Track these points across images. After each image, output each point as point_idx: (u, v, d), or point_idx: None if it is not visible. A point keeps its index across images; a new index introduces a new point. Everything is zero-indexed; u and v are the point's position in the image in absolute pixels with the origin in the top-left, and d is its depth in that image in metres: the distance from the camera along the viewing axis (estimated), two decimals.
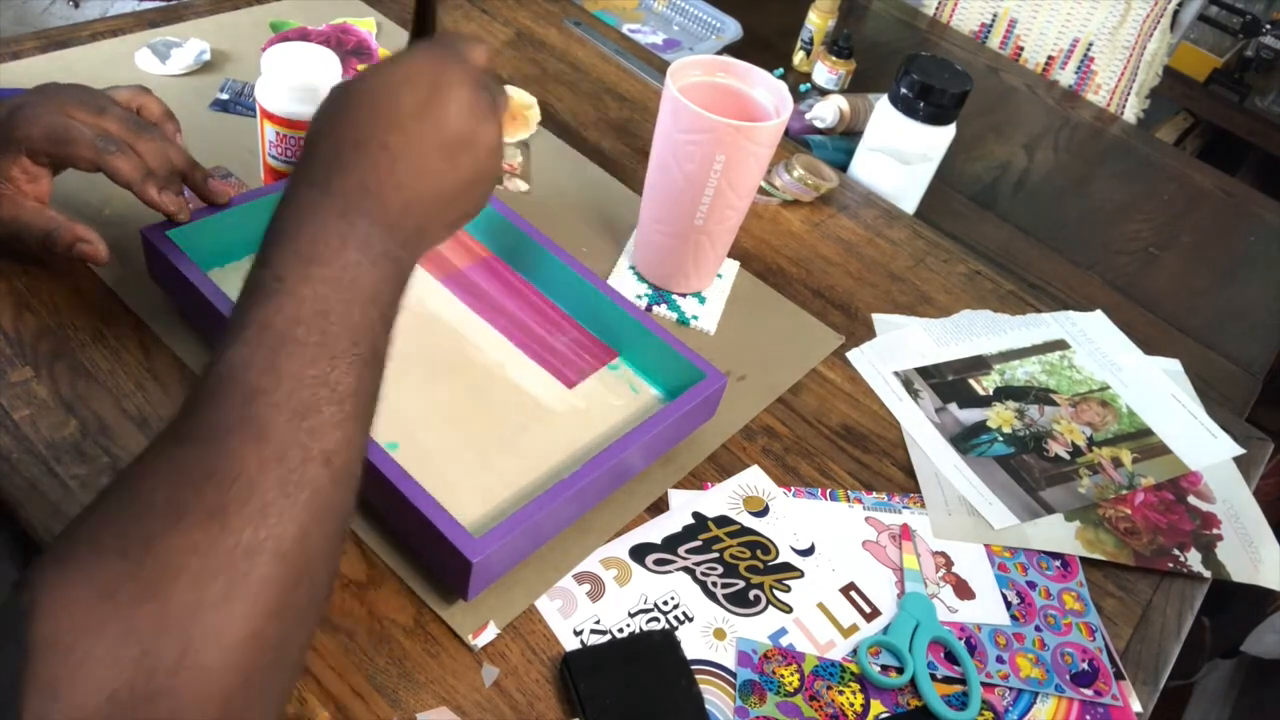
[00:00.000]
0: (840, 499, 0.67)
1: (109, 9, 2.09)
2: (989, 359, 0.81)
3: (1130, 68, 1.42)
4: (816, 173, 0.93)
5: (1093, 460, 0.75)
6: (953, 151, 1.00)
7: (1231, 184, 1.33)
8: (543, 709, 0.52)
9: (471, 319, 0.71)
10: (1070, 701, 0.59)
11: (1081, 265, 1.07)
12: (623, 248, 0.82)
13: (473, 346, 0.69)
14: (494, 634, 0.54)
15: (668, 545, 0.61)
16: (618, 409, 0.67)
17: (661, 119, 0.71)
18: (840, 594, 0.61)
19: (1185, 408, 0.82)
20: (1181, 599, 0.68)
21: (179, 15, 0.93)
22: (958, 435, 0.74)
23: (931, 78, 0.94)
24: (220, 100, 0.85)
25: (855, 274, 0.88)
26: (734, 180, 0.70)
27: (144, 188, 0.60)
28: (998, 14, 1.51)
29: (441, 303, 0.71)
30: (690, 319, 0.77)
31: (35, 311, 0.64)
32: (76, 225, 0.61)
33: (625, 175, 0.91)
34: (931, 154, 0.98)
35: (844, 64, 1.27)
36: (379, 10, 1.02)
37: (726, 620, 0.58)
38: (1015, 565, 0.66)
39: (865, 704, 0.56)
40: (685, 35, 1.34)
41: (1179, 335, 1.00)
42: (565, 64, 1.05)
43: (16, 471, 0.55)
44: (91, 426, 0.58)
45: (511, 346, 0.70)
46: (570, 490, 0.55)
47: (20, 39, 0.85)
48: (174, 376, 0.62)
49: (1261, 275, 1.16)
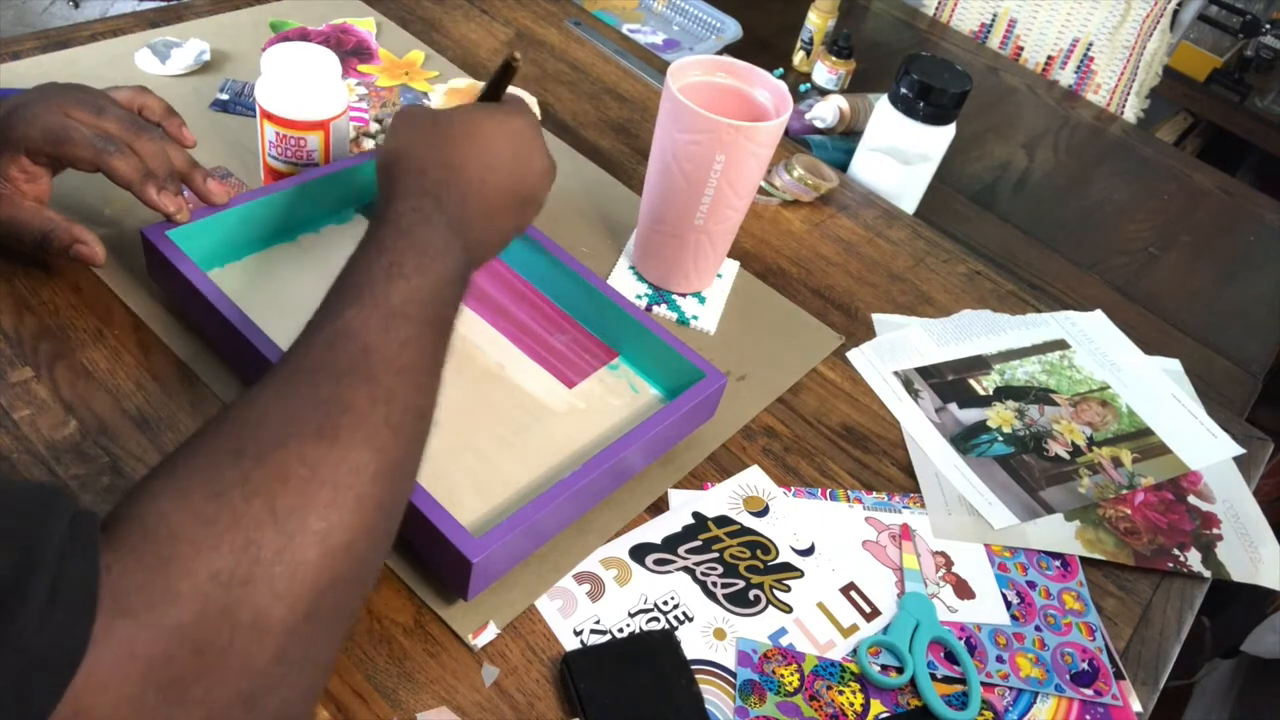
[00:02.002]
0: (840, 499, 0.67)
1: (109, 9, 2.09)
2: (989, 359, 0.81)
3: (1130, 68, 1.42)
4: (816, 173, 0.93)
5: (1093, 460, 0.75)
6: (953, 151, 1.00)
7: (1231, 184, 1.33)
8: (543, 709, 0.52)
9: (472, 319, 0.71)
10: (1070, 701, 0.59)
11: (1081, 265, 1.07)
12: (623, 248, 0.82)
13: (473, 347, 0.69)
14: (494, 634, 0.54)
15: (668, 545, 0.61)
16: (618, 409, 0.67)
17: (661, 119, 0.71)
18: (840, 594, 0.61)
19: (1185, 408, 0.82)
20: (1181, 599, 0.68)
21: (179, 15, 0.93)
22: (958, 435, 0.74)
23: (931, 78, 0.94)
24: (220, 100, 0.85)
25: (855, 274, 0.88)
26: (734, 180, 0.70)
27: (143, 188, 0.61)
28: (998, 14, 1.51)
29: None
30: (690, 319, 0.77)
31: (35, 311, 0.64)
32: (74, 226, 0.61)
33: (625, 175, 0.91)
34: (931, 154, 0.98)
35: (844, 64, 1.27)
36: (379, 10, 1.02)
37: (726, 620, 0.58)
38: (1015, 565, 0.66)
39: (865, 704, 0.56)
40: (685, 35, 1.34)
41: (1179, 335, 1.00)
42: (565, 64, 1.05)
43: (16, 471, 0.55)
44: (91, 426, 0.58)
45: (512, 346, 0.70)
46: (570, 490, 0.55)
47: (20, 39, 0.85)
48: (174, 376, 0.62)
49: (1261, 275, 1.16)
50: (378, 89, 0.92)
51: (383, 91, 0.92)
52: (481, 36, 1.05)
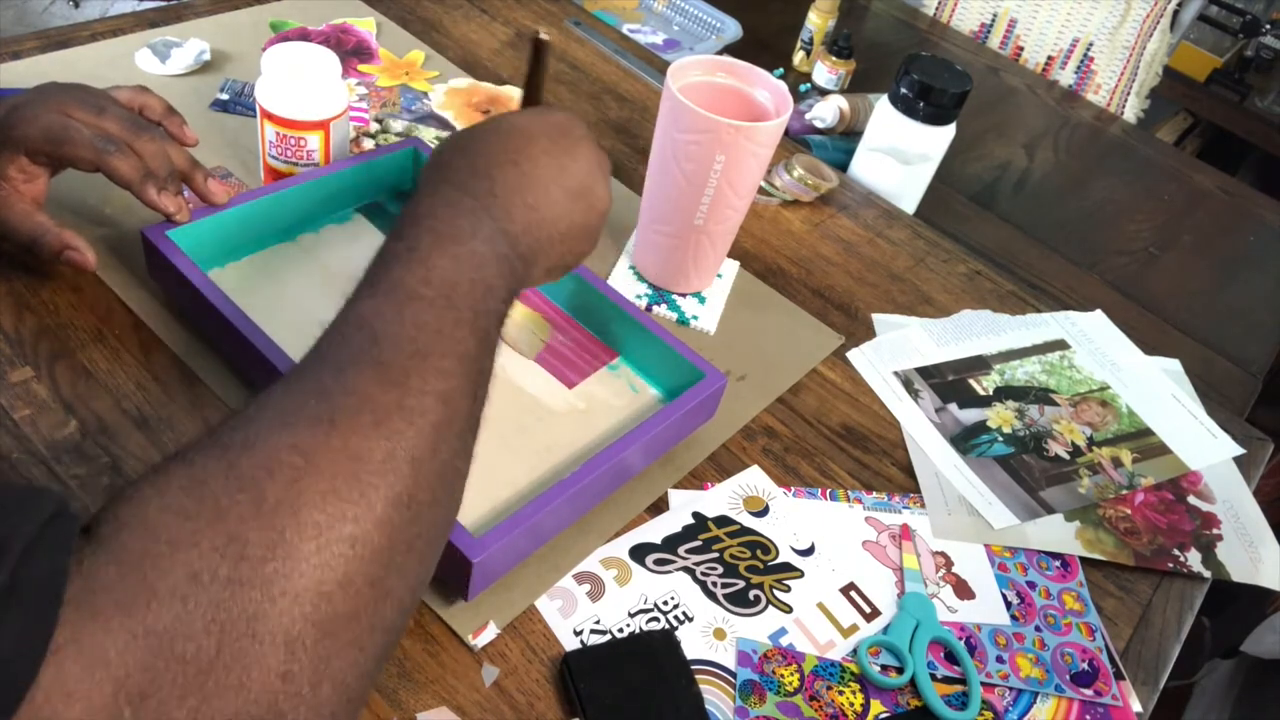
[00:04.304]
0: (840, 499, 0.67)
1: (109, 9, 2.09)
2: (989, 359, 0.81)
3: (1130, 68, 1.42)
4: (816, 173, 0.93)
5: (1093, 460, 0.75)
6: (953, 151, 1.00)
7: (1231, 184, 1.33)
8: (543, 709, 0.52)
9: None
10: (1070, 701, 0.59)
11: (1081, 265, 1.07)
12: (623, 248, 0.82)
13: None
14: (494, 634, 0.54)
15: (668, 545, 0.61)
16: (618, 409, 0.67)
17: (661, 119, 0.71)
18: (840, 594, 0.61)
19: (1185, 408, 0.82)
20: (1181, 599, 0.68)
21: (179, 15, 0.93)
22: (958, 435, 0.74)
23: (931, 78, 0.94)
24: (220, 100, 0.85)
25: (855, 274, 0.88)
26: (734, 180, 0.70)
27: (143, 188, 0.60)
28: (998, 14, 1.51)
29: None
30: (690, 319, 0.77)
31: (35, 311, 0.64)
32: (65, 232, 0.61)
33: (625, 175, 0.91)
34: (931, 154, 0.98)
35: (844, 64, 1.27)
36: (379, 10, 1.02)
37: (726, 620, 0.58)
38: (1015, 565, 0.66)
39: (865, 704, 0.56)
40: (685, 35, 1.34)
41: (1179, 335, 1.00)
42: (565, 64, 1.05)
43: (16, 471, 0.55)
44: (91, 426, 0.58)
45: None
46: (570, 490, 0.55)
47: (20, 39, 0.85)
48: (174, 376, 0.62)
49: (1261, 275, 1.16)
50: (378, 89, 0.92)
51: (383, 91, 0.92)
52: (482, 36, 1.05)
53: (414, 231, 0.45)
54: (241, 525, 0.32)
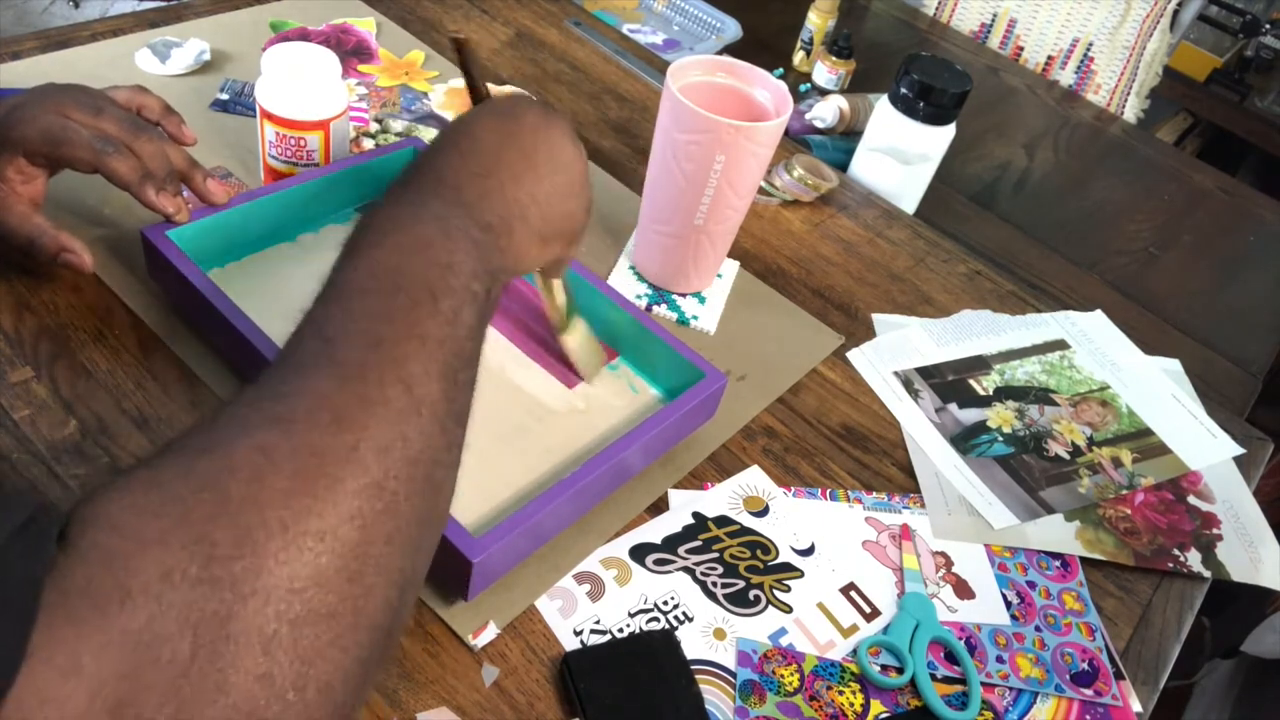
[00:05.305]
0: (840, 499, 0.67)
1: (109, 9, 2.10)
2: (989, 359, 0.81)
3: (1130, 68, 1.42)
4: (816, 173, 0.93)
5: (1093, 460, 0.75)
6: (953, 151, 1.00)
7: (1231, 184, 1.33)
8: (543, 709, 0.52)
9: None
10: (1070, 701, 0.59)
11: (1081, 265, 1.07)
12: (623, 248, 0.82)
13: None
14: (494, 634, 0.54)
15: (668, 545, 0.61)
16: (618, 409, 0.67)
17: (661, 119, 0.71)
18: (840, 594, 0.61)
19: (1185, 408, 0.82)
20: (1181, 599, 0.68)
21: (179, 15, 0.93)
22: (958, 435, 0.74)
23: (931, 78, 0.94)
24: (220, 100, 0.85)
25: (855, 274, 0.88)
26: (734, 180, 0.70)
27: (142, 189, 0.60)
28: (998, 14, 1.51)
29: None
30: (690, 319, 0.77)
31: (35, 311, 0.64)
32: (61, 234, 0.61)
33: (625, 175, 0.91)
34: (931, 154, 0.98)
35: (844, 64, 1.27)
36: (379, 10, 1.02)
37: (726, 620, 0.58)
38: (1015, 565, 0.66)
39: (865, 704, 0.56)
40: (685, 35, 1.34)
41: (1179, 335, 1.00)
42: (565, 64, 1.05)
43: (16, 471, 0.55)
44: (91, 426, 0.58)
45: (511, 347, 0.70)
46: (570, 490, 0.55)
47: (20, 39, 0.85)
48: (174, 376, 0.62)
49: (1261, 275, 1.16)
50: (378, 89, 0.92)
51: (383, 91, 0.92)
52: (482, 36, 1.05)
53: (354, 237, 0.45)
54: (208, 524, 0.31)
